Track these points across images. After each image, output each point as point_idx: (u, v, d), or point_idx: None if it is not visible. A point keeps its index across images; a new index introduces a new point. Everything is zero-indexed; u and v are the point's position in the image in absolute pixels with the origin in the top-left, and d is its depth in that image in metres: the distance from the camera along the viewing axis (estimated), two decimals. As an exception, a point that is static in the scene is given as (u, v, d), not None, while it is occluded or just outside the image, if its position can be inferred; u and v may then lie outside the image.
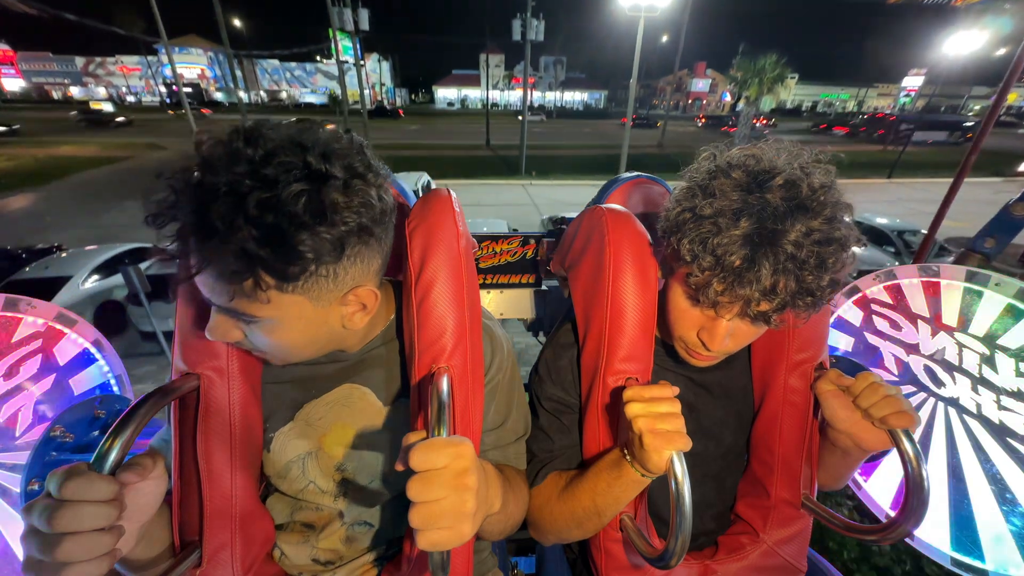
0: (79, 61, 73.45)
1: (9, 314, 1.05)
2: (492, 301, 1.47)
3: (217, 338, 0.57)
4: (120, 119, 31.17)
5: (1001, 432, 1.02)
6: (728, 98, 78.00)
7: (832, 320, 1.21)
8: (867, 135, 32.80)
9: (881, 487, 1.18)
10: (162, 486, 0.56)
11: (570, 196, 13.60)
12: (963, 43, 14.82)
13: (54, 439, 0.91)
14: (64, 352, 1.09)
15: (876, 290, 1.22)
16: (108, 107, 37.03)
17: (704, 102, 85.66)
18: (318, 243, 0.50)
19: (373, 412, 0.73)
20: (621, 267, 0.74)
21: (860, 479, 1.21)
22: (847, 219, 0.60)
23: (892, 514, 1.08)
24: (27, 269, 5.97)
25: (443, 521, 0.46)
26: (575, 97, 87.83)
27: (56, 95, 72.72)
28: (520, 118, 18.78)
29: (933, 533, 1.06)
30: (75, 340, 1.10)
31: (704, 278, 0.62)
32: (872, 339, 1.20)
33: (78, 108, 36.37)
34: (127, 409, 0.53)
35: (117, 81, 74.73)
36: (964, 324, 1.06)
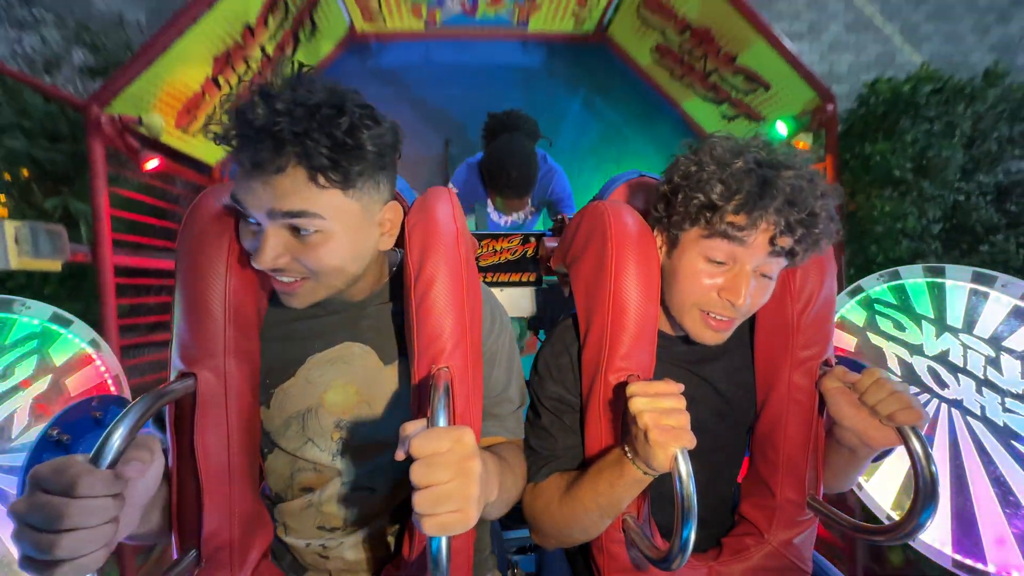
0: None
1: (4, 314, 1.04)
2: None
3: (266, 260, 0.59)
4: None
5: (1005, 434, 1.02)
6: None
7: (835, 320, 1.20)
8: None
9: (883, 488, 1.18)
10: (160, 466, 0.56)
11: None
12: None
13: (51, 440, 0.90)
14: (60, 352, 1.08)
15: (880, 290, 1.21)
16: None
17: None
18: (376, 143, 0.60)
19: (373, 370, 0.75)
20: (623, 263, 0.74)
21: (862, 480, 1.20)
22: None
23: (894, 516, 1.08)
24: None
25: (450, 504, 0.46)
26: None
27: None
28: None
29: (935, 534, 1.06)
30: (71, 340, 1.09)
31: (721, 208, 0.67)
32: (875, 339, 1.20)
33: None
34: (124, 410, 0.52)
35: None
36: (969, 325, 1.06)
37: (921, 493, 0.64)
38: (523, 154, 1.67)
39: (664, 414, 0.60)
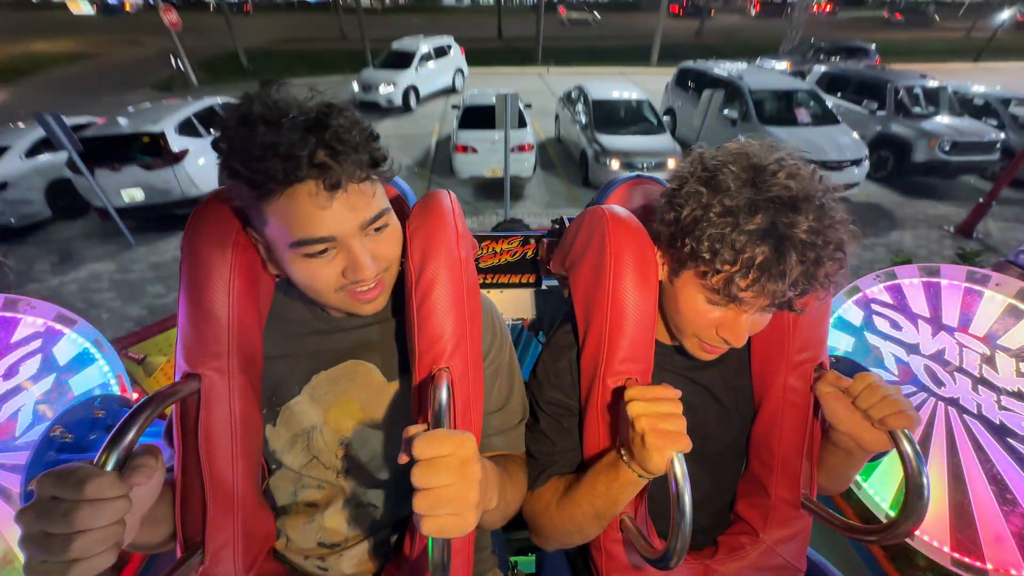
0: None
1: (8, 314, 1.05)
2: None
3: (371, 270, 0.62)
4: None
5: (1001, 432, 1.02)
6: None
7: (832, 320, 1.21)
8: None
9: (881, 487, 1.18)
10: (162, 474, 0.56)
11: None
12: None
13: (54, 439, 0.91)
14: (63, 352, 1.09)
15: (876, 290, 1.22)
16: (86, 7, 35.05)
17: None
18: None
19: (377, 387, 0.75)
20: (622, 268, 0.74)
21: (860, 479, 1.21)
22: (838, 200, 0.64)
23: (892, 515, 1.08)
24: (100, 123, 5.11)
25: (449, 506, 0.47)
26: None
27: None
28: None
29: (933, 533, 1.06)
30: (75, 340, 1.10)
31: (727, 274, 0.63)
32: (872, 339, 1.20)
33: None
34: (130, 412, 0.53)
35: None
36: (965, 324, 1.06)
37: (912, 494, 0.65)
38: None
39: (661, 418, 0.61)
